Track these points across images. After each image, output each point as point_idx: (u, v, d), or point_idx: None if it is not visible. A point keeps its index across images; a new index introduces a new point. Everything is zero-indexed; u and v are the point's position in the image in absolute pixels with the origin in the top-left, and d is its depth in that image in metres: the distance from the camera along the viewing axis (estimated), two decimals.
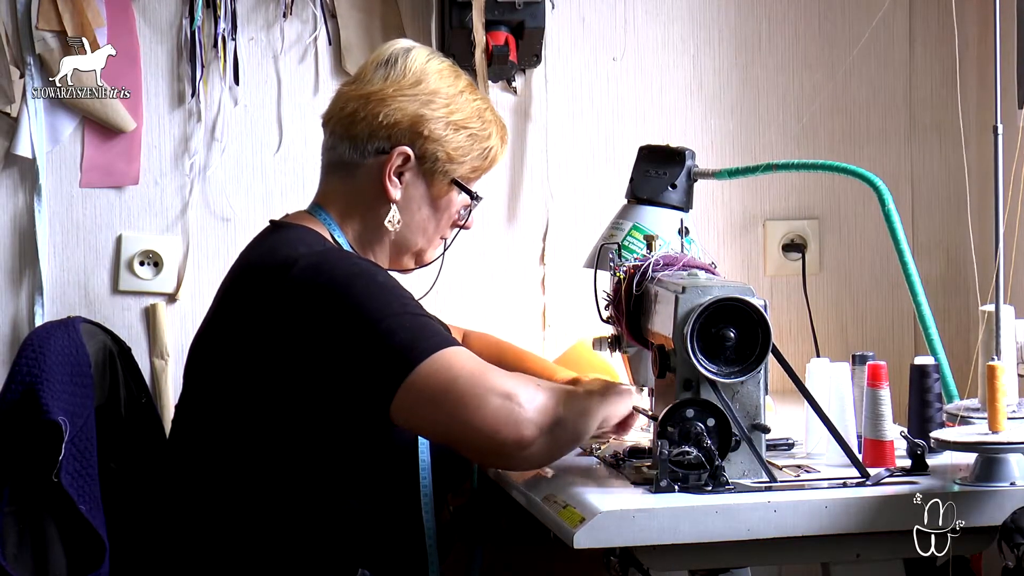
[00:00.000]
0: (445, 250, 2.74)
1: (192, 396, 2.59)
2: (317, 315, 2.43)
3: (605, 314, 2.68)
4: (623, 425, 2.60)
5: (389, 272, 2.57)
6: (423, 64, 2.65)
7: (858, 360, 2.64)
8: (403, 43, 2.69)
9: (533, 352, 3.06)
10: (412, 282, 2.83)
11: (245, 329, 2.50)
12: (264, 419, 2.48)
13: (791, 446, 2.65)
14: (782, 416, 2.75)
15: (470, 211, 2.70)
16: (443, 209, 2.67)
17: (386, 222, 2.62)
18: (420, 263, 2.71)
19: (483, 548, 2.78)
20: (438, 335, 2.43)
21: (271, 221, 2.67)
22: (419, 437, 2.52)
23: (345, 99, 2.65)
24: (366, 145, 2.62)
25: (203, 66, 3.27)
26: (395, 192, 2.62)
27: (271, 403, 2.47)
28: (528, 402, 2.38)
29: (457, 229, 2.71)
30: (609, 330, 2.70)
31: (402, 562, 2.54)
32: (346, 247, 2.61)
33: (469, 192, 2.67)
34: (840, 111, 3.50)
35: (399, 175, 2.62)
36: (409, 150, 2.61)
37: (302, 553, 2.48)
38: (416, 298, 2.52)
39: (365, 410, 2.43)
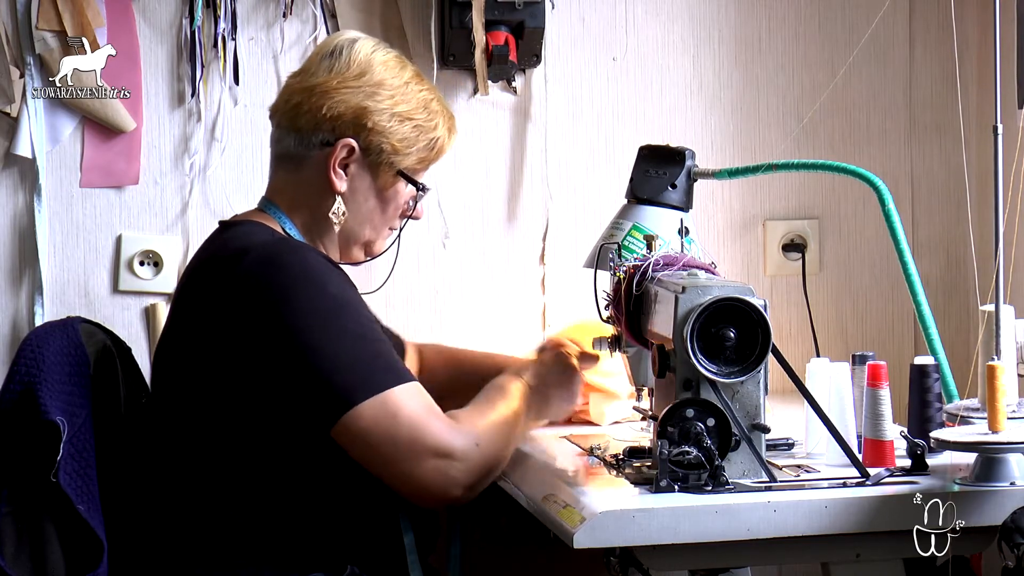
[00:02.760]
0: (396, 240, 2.72)
1: (163, 398, 2.59)
2: (265, 322, 2.43)
3: (605, 314, 2.68)
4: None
5: (341, 268, 2.56)
6: (368, 55, 2.64)
7: (858, 360, 2.64)
8: (349, 34, 2.68)
9: (488, 352, 3.05)
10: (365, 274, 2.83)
11: (201, 327, 2.50)
12: (229, 417, 2.48)
13: (791, 446, 2.65)
14: (782, 416, 2.75)
15: (417, 201, 2.69)
16: (390, 200, 2.66)
17: (331, 214, 2.62)
18: (370, 254, 2.70)
19: (459, 547, 2.77)
20: (384, 369, 2.42)
21: (220, 222, 2.67)
22: None
23: (290, 91, 2.65)
24: (311, 137, 2.61)
25: (203, 66, 3.27)
26: (340, 184, 2.61)
27: (232, 402, 2.47)
28: (463, 461, 2.41)
29: (406, 219, 2.71)
30: (609, 330, 2.70)
31: (383, 557, 2.53)
32: (297, 239, 2.61)
33: (415, 183, 2.66)
34: (840, 111, 3.50)
35: (344, 167, 2.61)
36: (353, 142, 2.60)
37: (290, 549, 2.48)
38: (367, 309, 2.51)
39: (306, 431, 2.44)
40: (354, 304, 2.48)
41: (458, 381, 2.93)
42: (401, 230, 2.71)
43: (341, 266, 2.61)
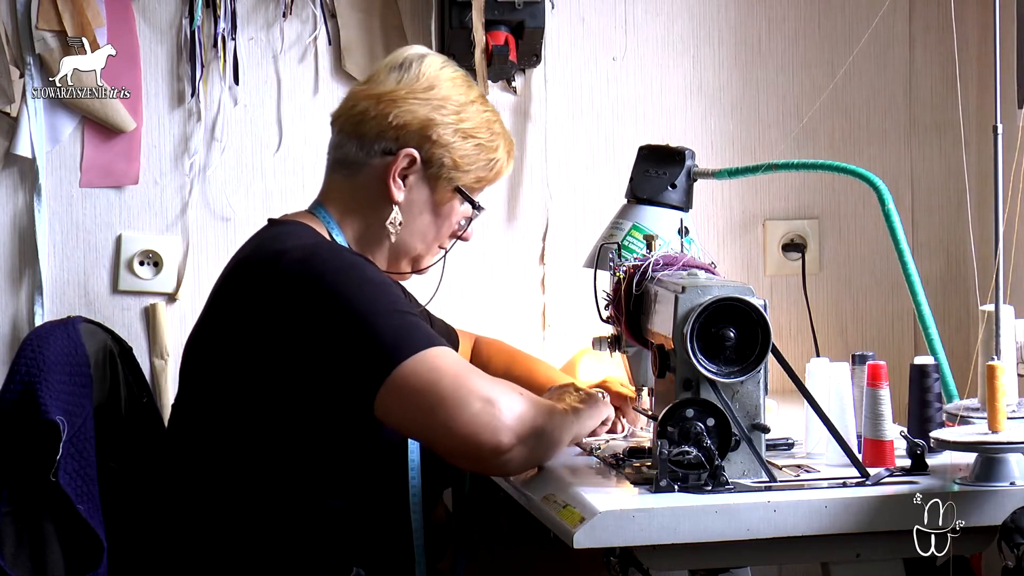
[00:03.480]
0: (444, 259, 2.73)
1: (186, 395, 2.59)
2: (304, 308, 2.43)
3: (605, 314, 2.68)
4: (604, 425, 2.67)
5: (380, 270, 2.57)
6: (437, 71, 2.65)
7: (858, 360, 2.64)
8: (418, 49, 2.70)
9: (543, 360, 3.06)
10: (413, 289, 2.84)
11: (235, 325, 2.50)
12: (253, 416, 2.48)
13: (791, 446, 2.65)
14: (782, 416, 2.75)
15: (470, 222, 2.70)
16: (444, 216, 2.66)
17: (387, 223, 2.62)
18: (417, 269, 2.70)
19: (466, 554, 2.77)
20: (424, 334, 2.42)
21: (268, 220, 2.67)
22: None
23: (356, 98, 2.66)
24: (373, 144, 2.62)
25: (203, 66, 3.27)
26: (398, 194, 2.62)
27: (260, 399, 2.47)
28: (508, 409, 2.38)
29: (455, 239, 2.71)
30: (609, 330, 2.70)
31: (391, 562, 2.53)
32: (343, 244, 2.61)
33: (472, 202, 2.67)
34: (840, 111, 3.50)
35: (403, 177, 2.62)
36: (415, 153, 2.61)
37: (295, 551, 2.48)
38: (402, 292, 2.52)
39: (350, 406, 2.43)
40: (390, 285, 2.49)
41: (508, 376, 2.95)
42: (448, 250, 2.71)
43: None
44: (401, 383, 2.38)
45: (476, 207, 2.68)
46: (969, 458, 2.40)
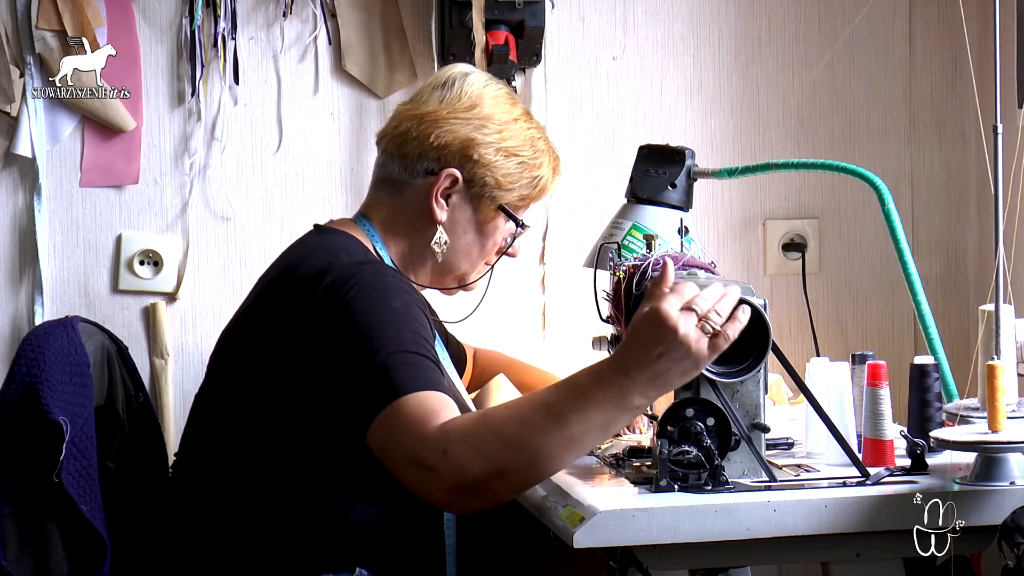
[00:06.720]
0: (489, 275, 2.73)
1: (212, 386, 2.59)
2: (327, 328, 2.41)
3: (605, 314, 2.68)
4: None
5: (413, 287, 2.55)
6: (480, 89, 2.65)
7: (858, 359, 2.64)
8: (462, 67, 2.71)
9: (536, 367, 3.05)
10: (454, 303, 2.84)
11: (273, 329, 2.48)
12: (278, 420, 2.47)
13: (791, 445, 2.65)
14: (782, 416, 2.75)
15: (516, 238, 2.70)
16: (488, 235, 2.67)
17: (433, 244, 2.63)
18: (463, 286, 2.71)
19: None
20: (402, 380, 2.33)
21: (315, 225, 2.67)
22: None
23: (399, 118, 2.66)
24: (416, 165, 2.63)
25: (203, 65, 3.27)
26: (441, 214, 2.62)
27: (286, 405, 2.46)
28: (432, 468, 2.26)
29: (501, 255, 2.71)
30: (609, 330, 2.70)
31: (416, 560, 2.53)
32: (386, 259, 2.61)
33: (516, 219, 2.67)
34: (840, 111, 3.50)
35: (446, 197, 2.62)
36: (458, 173, 2.61)
37: (306, 552, 2.47)
38: (427, 331, 2.44)
39: (345, 436, 2.43)
40: (415, 321, 2.42)
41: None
42: (494, 266, 2.72)
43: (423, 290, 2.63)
44: (373, 437, 2.33)
45: (520, 225, 2.68)
46: (969, 458, 2.40)
